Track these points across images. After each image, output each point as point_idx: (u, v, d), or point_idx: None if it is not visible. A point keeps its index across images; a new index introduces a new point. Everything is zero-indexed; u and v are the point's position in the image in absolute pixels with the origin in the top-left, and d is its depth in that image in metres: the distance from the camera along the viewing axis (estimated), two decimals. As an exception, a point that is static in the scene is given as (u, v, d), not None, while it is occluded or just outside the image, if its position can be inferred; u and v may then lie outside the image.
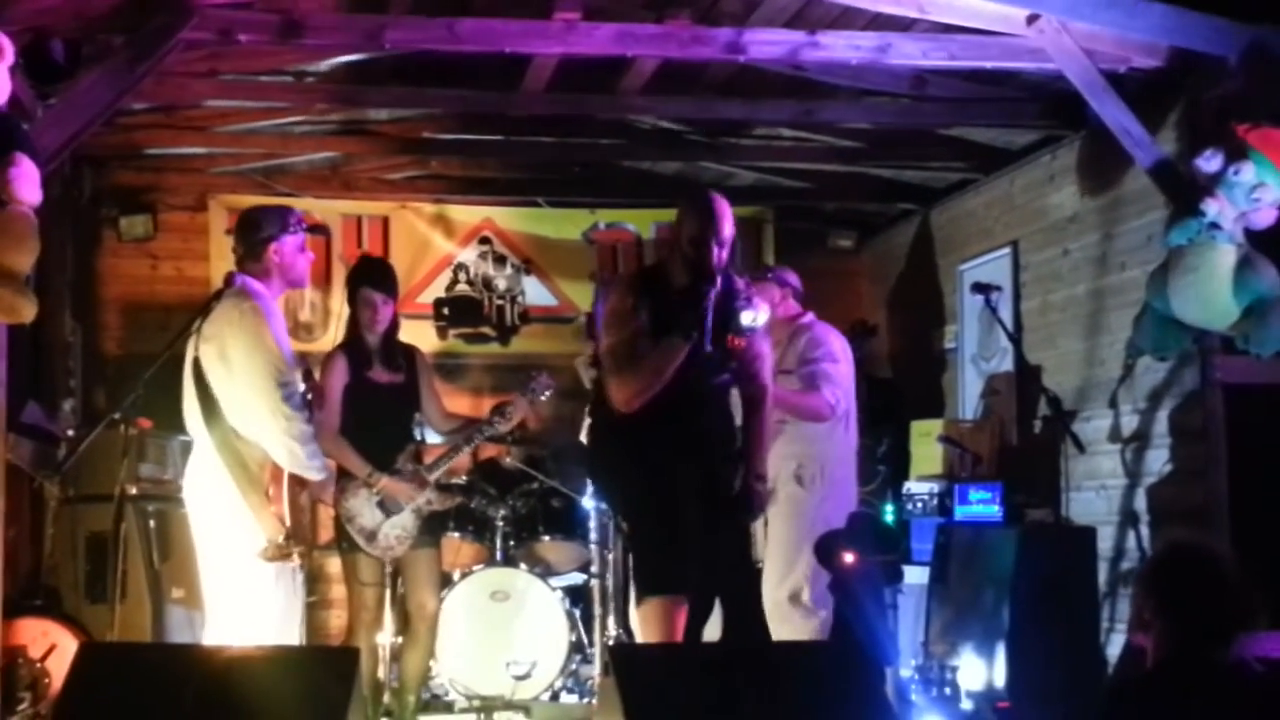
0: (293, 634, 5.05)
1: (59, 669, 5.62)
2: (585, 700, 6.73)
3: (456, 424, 6.17)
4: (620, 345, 4.96)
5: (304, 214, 5.38)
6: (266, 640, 4.75)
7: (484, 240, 8.61)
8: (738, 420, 5.17)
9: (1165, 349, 5.85)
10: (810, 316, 6.22)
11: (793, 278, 6.29)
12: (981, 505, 6.61)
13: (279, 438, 4.88)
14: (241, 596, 4.87)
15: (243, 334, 4.85)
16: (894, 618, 5.95)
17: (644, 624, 4.98)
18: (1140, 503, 6.24)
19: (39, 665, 5.80)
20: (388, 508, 5.83)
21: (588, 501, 6.84)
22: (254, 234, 5.10)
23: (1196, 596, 3.33)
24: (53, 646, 5.82)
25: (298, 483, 5.05)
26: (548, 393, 6.20)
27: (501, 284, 8.61)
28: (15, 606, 5.84)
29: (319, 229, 5.51)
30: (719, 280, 4.87)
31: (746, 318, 4.95)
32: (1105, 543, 6.30)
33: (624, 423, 5.01)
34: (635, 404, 4.91)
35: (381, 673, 6.01)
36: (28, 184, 4.71)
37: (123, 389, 5.24)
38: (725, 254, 4.94)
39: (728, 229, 4.94)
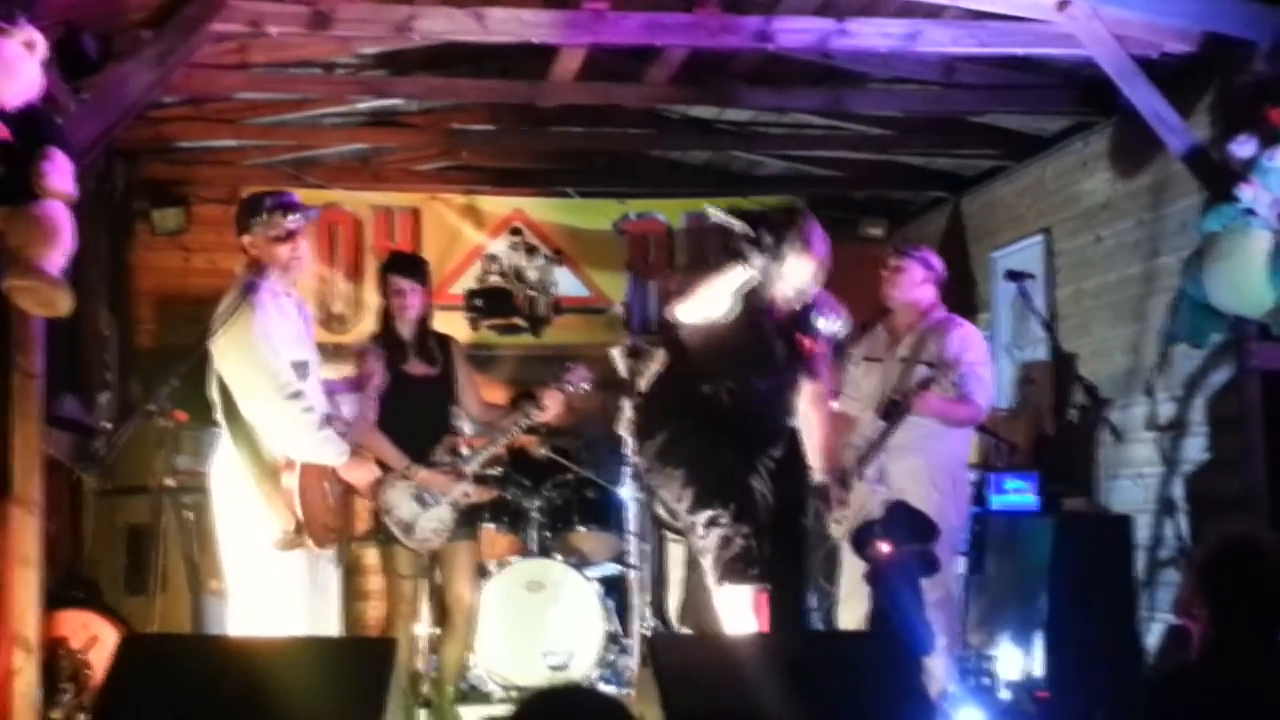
0: (325, 623, 5.07)
1: (100, 660, 5.65)
2: (622, 691, 6.70)
3: (495, 415, 6.17)
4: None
5: (287, 198, 5.25)
6: (289, 627, 4.80)
7: (515, 231, 8.60)
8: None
9: (1201, 336, 5.81)
10: (944, 311, 5.94)
11: (937, 262, 6.01)
12: (1018, 495, 6.58)
13: (283, 427, 4.92)
14: (259, 584, 4.93)
15: (233, 326, 4.89)
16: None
17: (731, 611, 5.00)
18: (1177, 491, 6.21)
19: (80, 657, 5.82)
20: (425, 500, 5.83)
21: (623, 491, 6.82)
22: (236, 225, 5.16)
23: (1248, 592, 3.30)
24: (94, 638, 5.85)
25: (326, 472, 5.06)
26: (585, 385, 6.07)
27: (533, 275, 8.61)
28: (56, 599, 5.86)
29: (298, 208, 5.17)
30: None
31: (822, 322, 4.98)
32: (1142, 531, 6.28)
33: (688, 407, 5.18)
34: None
35: (419, 664, 6.03)
36: (62, 178, 4.73)
37: (157, 381, 5.27)
38: None
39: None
